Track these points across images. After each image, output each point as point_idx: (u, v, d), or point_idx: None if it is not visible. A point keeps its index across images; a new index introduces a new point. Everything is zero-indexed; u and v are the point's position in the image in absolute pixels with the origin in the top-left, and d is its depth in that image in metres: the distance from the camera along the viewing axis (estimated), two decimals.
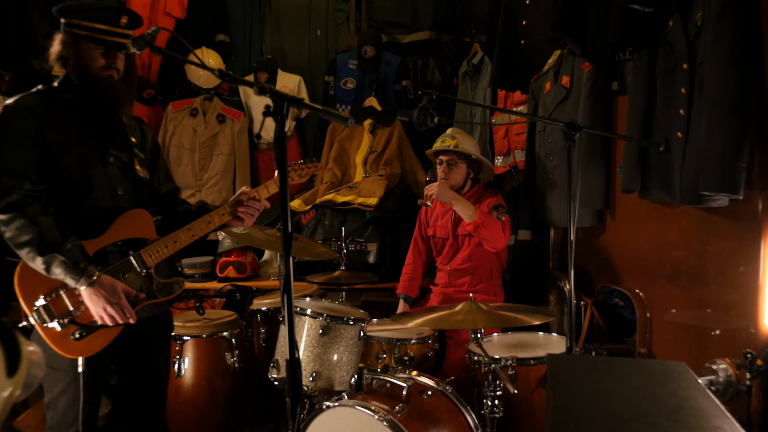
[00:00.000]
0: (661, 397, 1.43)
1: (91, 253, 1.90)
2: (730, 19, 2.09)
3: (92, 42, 1.92)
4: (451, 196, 3.06)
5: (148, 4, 4.48)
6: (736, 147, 2.08)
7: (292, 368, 1.47)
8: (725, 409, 1.35)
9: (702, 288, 2.43)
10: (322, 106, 4.15)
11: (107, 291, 1.85)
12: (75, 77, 1.97)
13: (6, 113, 1.94)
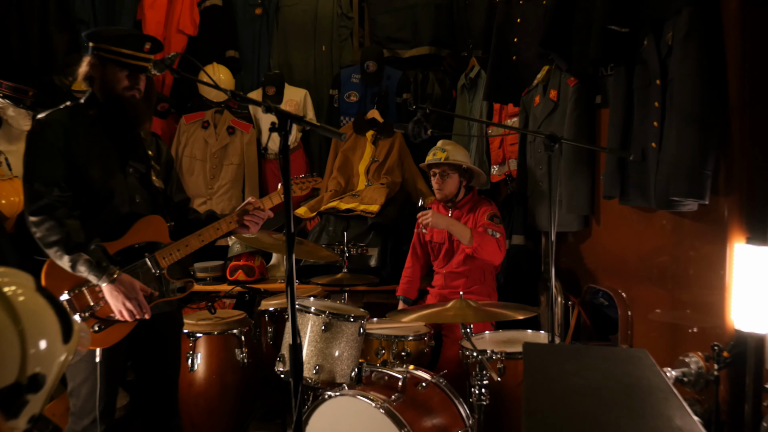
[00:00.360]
0: (618, 377, 1.61)
1: (112, 253, 2.11)
2: (696, 40, 2.28)
3: (118, 65, 2.13)
4: (446, 223, 3.25)
5: (162, 22, 4.72)
6: (701, 156, 2.27)
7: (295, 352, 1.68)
8: (674, 388, 1.53)
9: (676, 288, 2.61)
10: (327, 117, 4.39)
11: (126, 288, 2.06)
12: (100, 95, 2.18)
13: (38, 126, 2.16)
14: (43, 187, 2.02)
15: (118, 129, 2.23)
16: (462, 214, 3.37)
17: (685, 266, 2.56)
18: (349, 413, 2.49)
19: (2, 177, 3.50)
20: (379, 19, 5.00)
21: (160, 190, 2.31)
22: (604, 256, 3.11)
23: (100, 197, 2.13)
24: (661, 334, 2.70)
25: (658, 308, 2.72)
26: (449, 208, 3.41)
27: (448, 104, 4.70)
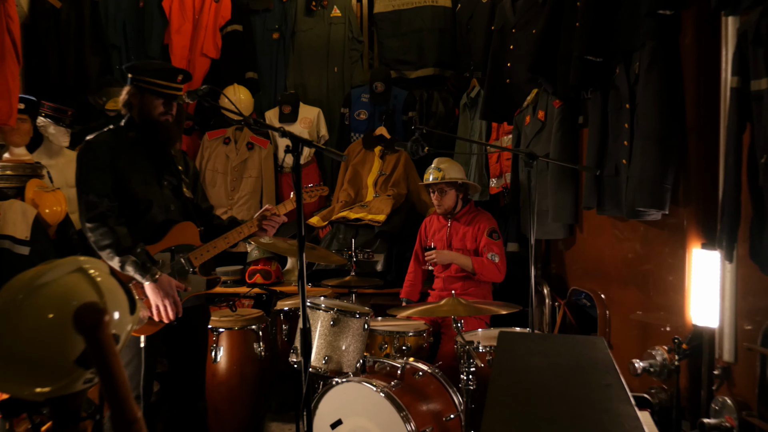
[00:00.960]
0: (574, 357, 1.93)
1: (152, 254, 2.47)
2: (656, 70, 2.60)
3: (154, 94, 2.48)
4: (450, 257, 3.61)
5: (187, 47, 5.06)
6: (662, 172, 2.58)
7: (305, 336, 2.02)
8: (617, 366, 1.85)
9: (646, 288, 2.91)
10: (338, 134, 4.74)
11: (165, 287, 2.40)
12: (138, 119, 2.54)
13: (88, 147, 2.52)
14: (96, 198, 2.37)
15: (154, 148, 2.58)
16: (461, 225, 3.71)
17: (652, 269, 2.86)
18: (354, 397, 2.81)
19: (46, 189, 3.85)
20: (387, 42, 5.29)
21: (190, 200, 2.66)
22: (586, 262, 3.42)
23: (141, 206, 2.47)
24: (634, 330, 3.00)
25: (631, 307, 3.02)
26: (449, 219, 3.74)
27: (451, 121, 5.00)
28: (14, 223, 3.54)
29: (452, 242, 3.71)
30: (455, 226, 3.72)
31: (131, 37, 5.17)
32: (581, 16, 2.95)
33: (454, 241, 3.70)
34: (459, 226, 3.71)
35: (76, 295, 1.28)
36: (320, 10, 5.22)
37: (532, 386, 1.74)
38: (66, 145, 4.40)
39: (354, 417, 2.80)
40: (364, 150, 4.74)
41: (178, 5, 5.01)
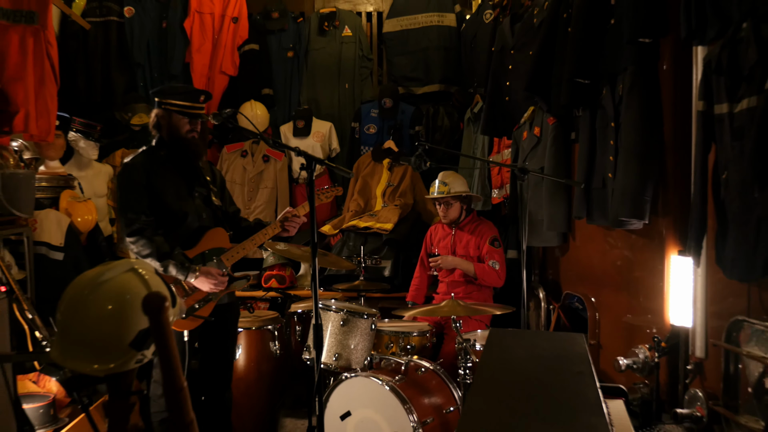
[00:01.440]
0: (554, 349, 2.19)
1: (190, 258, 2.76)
2: (637, 92, 2.85)
3: (181, 114, 2.76)
4: (453, 263, 3.88)
5: (207, 65, 5.36)
6: (642, 185, 2.82)
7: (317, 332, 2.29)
8: (590, 358, 2.10)
9: (630, 292, 3.16)
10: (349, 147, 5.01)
11: (208, 275, 2.71)
12: (167, 138, 2.82)
13: (125, 170, 2.81)
14: (134, 215, 2.66)
15: (184, 163, 2.87)
16: (465, 234, 3.97)
17: (636, 274, 3.11)
18: (362, 391, 3.07)
19: (78, 199, 4.16)
20: (396, 60, 5.55)
21: (219, 207, 2.94)
22: (578, 268, 3.67)
23: (176, 217, 2.76)
24: (620, 331, 3.24)
25: (617, 310, 3.27)
26: (453, 228, 4.00)
27: (456, 135, 5.25)
28: (50, 231, 3.84)
29: (456, 250, 3.97)
30: (459, 235, 3.98)
31: (154, 56, 5.45)
32: (571, 41, 3.20)
33: (458, 248, 3.96)
34: (463, 235, 3.97)
35: (130, 290, 1.56)
36: (332, 30, 5.50)
37: (513, 372, 1.99)
38: (95, 158, 4.72)
39: (362, 409, 3.06)
40: (373, 162, 5.01)
41: (199, 26, 5.30)
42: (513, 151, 4.07)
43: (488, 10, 4.86)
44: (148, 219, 2.68)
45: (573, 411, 1.59)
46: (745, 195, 2.18)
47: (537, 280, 4.18)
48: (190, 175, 2.87)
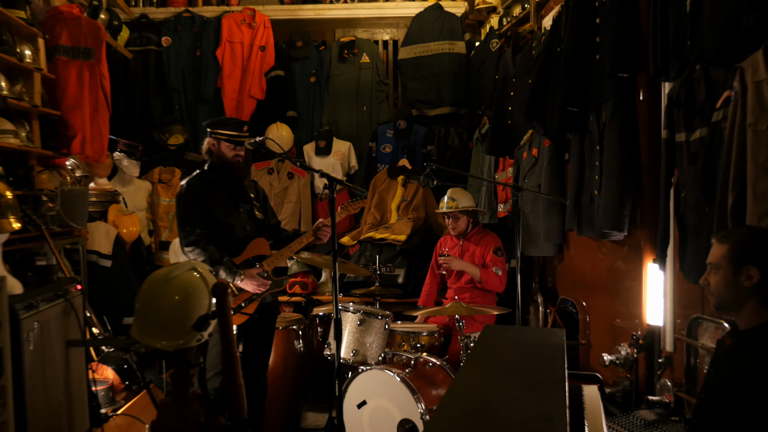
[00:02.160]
0: (536, 341, 2.58)
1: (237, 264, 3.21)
2: (617, 120, 3.25)
3: (228, 142, 3.23)
4: (461, 265, 4.25)
5: (237, 89, 5.77)
6: (621, 201, 3.21)
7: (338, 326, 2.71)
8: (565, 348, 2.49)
9: (615, 296, 3.54)
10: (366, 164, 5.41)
11: (252, 278, 3.16)
12: (217, 163, 3.29)
13: (183, 190, 3.26)
14: (190, 228, 3.13)
15: (230, 183, 3.33)
16: (471, 244, 4.37)
17: (619, 280, 3.49)
18: (376, 382, 3.47)
19: (123, 212, 4.64)
20: (410, 84, 5.86)
21: (262, 220, 3.39)
22: (572, 275, 4.05)
23: (225, 230, 3.22)
24: (606, 331, 3.63)
25: (605, 312, 3.65)
26: (461, 239, 4.41)
27: (465, 153, 5.63)
28: (99, 240, 4.32)
29: (463, 258, 4.37)
30: (466, 245, 4.38)
31: (189, 82, 5.86)
32: (561, 75, 3.61)
33: (465, 257, 4.36)
34: (469, 245, 4.37)
35: (192, 285, 2.00)
36: (351, 57, 5.88)
37: (498, 355, 2.40)
38: (136, 175, 5.18)
39: (376, 398, 3.46)
40: (389, 179, 5.41)
41: (230, 54, 5.77)
42: (514, 170, 4.47)
43: (495, 39, 5.26)
44: (201, 231, 3.14)
45: (539, 383, 1.99)
46: (698, 211, 2.58)
47: (537, 287, 4.56)
48: (236, 193, 3.33)
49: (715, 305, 1.98)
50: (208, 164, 3.31)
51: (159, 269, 2.05)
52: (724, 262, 1.88)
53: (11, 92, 3.39)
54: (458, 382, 2.00)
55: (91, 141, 4.04)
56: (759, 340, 1.82)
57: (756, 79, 2.24)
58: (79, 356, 2.61)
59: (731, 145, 2.32)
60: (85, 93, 4.03)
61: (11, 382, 1.96)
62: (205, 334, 2.02)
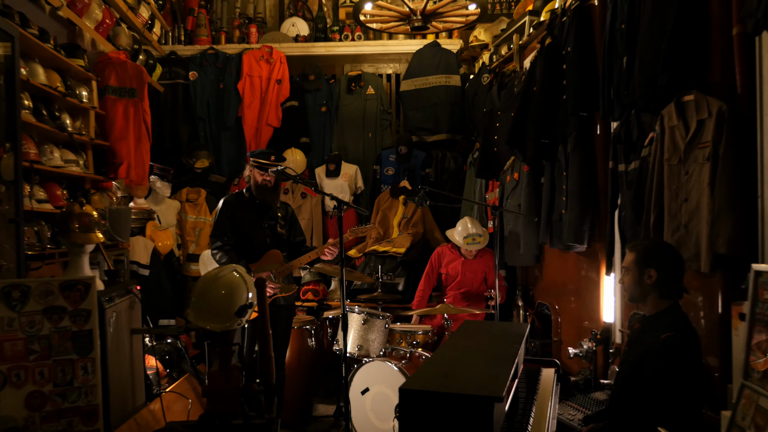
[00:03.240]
0: (502, 331, 3.21)
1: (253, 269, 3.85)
2: (579, 151, 3.89)
3: (258, 168, 3.89)
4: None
5: (256, 118, 6.42)
6: (581, 219, 3.84)
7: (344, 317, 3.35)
8: (526, 336, 3.10)
9: (580, 300, 4.16)
10: (371, 185, 6.10)
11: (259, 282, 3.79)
12: (251, 185, 3.95)
13: (219, 206, 3.92)
14: (219, 236, 3.77)
15: (260, 204, 3.98)
16: (476, 260, 5.02)
17: (583, 286, 4.12)
18: (378, 371, 4.09)
19: (158, 228, 5.31)
20: (410, 114, 6.46)
21: (283, 235, 4.02)
22: (547, 282, 4.68)
23: (248, 240, 3.86)
24: (574, 329, 4.24)
25: (572, 313, 4.27)
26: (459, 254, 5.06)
27: (460, 175, 6.20)
28: (139, 252, 4.98)
29: (467, 273, 5.02)
30: (468, 261, 5.04)
31: (213, 111, 6.50)
32: (535, 111, 4.24)
33: (468, 272, 5.01)
34: (471, 261, 5.03)
35: (234, 282, 2.65)
36: (358, 90, 6.53)
37: (469, 340, 3.02)
38: (168, 195, 5.85)
39: (377, 385, 4.09)
40: (391, 198, 6.05)
41: (249, 87, 6.44)
42: (500, 191, 5.11)
43: (485, 74, 5.91)
44: (229, 240, 3.80)
45: (496, 358, 2.63)
46: (633, 227, 3.22)
47: (519, 294, 5.18)
48: (262, 211, 3.97)
49: (628, 299, 2.61)
50: (246, 188, 3.98)
51: (209, 271, 2.70)
52: (632, 265, 2.51)
53: (73, 128, 4.07)
54: (434, 356, 2.64)
55: (135, 167, 4.72)
56: (656, 323, 2.45)
57: (670, 125, 2.89)
58: (138, 342, 3.26)
59: (653, 176, 2.97)
60: (130, 126, 4.73)
61: (99, 356, 2.60)
62: (244, 320, 2.66)
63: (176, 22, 6.80)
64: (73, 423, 2.52)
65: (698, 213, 2.72)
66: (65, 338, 2.54)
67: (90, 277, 2.65)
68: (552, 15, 4.30)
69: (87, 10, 4.31)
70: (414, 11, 4.94)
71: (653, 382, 2.34)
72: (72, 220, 2.90)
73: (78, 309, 2.57)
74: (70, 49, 4.20)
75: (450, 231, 5.18)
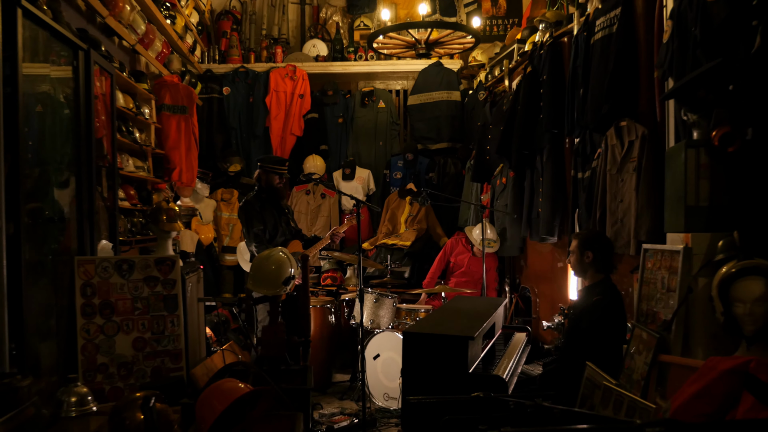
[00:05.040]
0: (484, 303, 4.13)
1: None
2: (551, 161, 4.77)
3: (273, 173, 4.77)
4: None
5: (281, 128, 7.33)
6: (552, 215, 4.74)
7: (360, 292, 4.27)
8: (504, 305, 4.02)
9: (554, 283, 5.06)
10: (382, 187, 7.09)
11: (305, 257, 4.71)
12: (265, 187, 4.84)
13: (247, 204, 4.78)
14: (255, 230, 4.66)
15: (275, 203, 4.88)
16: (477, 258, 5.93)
17: (555, 271, 5.02)
18: (387, 340, 5.00)
19: (201, 223, 6.25)
20: (416, 125, 7.32)
21: (294, 227, 4.93)
22: (528, 269, 5.58)
23: (273, 233, 4.75)
24: (549, 307, 5.14)
25: (547, 294, 5.17)
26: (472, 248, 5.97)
27: (459, 179, 7.12)
28: (186, 243, 5.91)
29: (471, 267, 5.93)
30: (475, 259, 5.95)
31: (244, 122, 7.40)
32: (518, 126, 5.15)
33: (473, 267, 5.91)
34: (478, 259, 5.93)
35: (281, 259, 3.57)
36: (371, 103, 7.44)
37: (457, 308, 3.94)
38: (206, 195, 6.79)
39: (386, 351, 5.00)
40: (399, 199, 6.96)
41: (275, 101, 7.36)
42: (491, 193, 6.02)
43: (482, 91, 6.81)
44: (263, 228, 4.68)
45: (474, 317, 3.54)
46: (585, 223, 4.11)
47: (508, 281, 6.08)
48: (279, 209, 4.87)
49: (574, 274, 3.52)
50: (257, 188, 4.78)
51: (262, 252, 3.62)
52: (575, 249, 3.42)
53: (140, 140, 5.02)
54: (430, 315, 3.57)
55: (185, 171, 5.66)
56: (591, 291, 3.35)
57: (611, 143, 3.79)
58: (201, 309, 4.19)
59: (599, 182, 3.87)
60: (181, 138, 5.67)
61: (182, 314, 3.53)
62: (288, 289, 3.58)
63: (211, 43, 7.73)
64: (164, 361, 3.46)
65: (629, 211, 3.61)
66: (159, 299, 3.47)
67: (175, 255, 3.59)
68: (533, 46, 5.21)
69: (151, 45, 5.25)
70: (419, 41, 5.85)
71: (586, 332, 3.24)
72: (161, 213, 3.85)
73: (167, 278, 3.50)
74: (137, 75, 5.14)
75: (469, 228, 6.05)
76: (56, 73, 3.23)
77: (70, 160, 3.35)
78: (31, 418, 2.07)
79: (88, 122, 3.43)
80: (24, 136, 2.74)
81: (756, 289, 2.17)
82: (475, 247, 5.86)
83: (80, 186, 3.40)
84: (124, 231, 4.16)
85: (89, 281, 3.33)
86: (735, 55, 2.60)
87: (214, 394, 2.38)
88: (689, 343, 2.55)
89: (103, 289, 3.35)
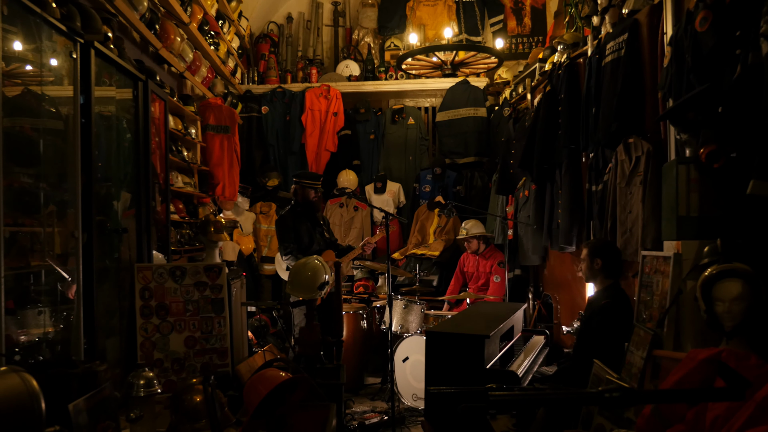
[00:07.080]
0: (504, 307, 4.45)
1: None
2: (569, 174, 5.07)
3: (309, 188, 5.17)
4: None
5: (316, 144, 7.75)
6: (570, 225, 5.03)
7: (389, 299, 4.62)
8: (523, 310, 4.33)
9: (573, 289, 5.34)
10: (411, 200, 7.54)
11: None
12: (301, 201, 5.24)
13: (282, 218, 5.19)
14: (288, 243, 5.04)
15: (310, 215, 5.27)
16: (483, 259, 6.24)
17: (573, 279, 5.30)
18: (416, 344, 5.34)
19: (242, 234, 6.68)
20: (444, 140, 7.67)
21: (329, 238, 5.31)
22: (550, 277, 5.86)
23: (307, 244, 5.14)
24: (569, 312, 5.41)
25: (566, 301, 5.44)
26: (477, 255, 6.27)
27: (486, 192, 7.45)
28: (228, 253, 6.35)
29: (480, 269, 6.24)
30: (481, 260, 6.25)
31: (281, 139, 7.86)
32: (539, 142, 5.46)
33: (480, 267, 6.22)
34: (483, 260, 6.24)
35: (317, 267, 3.95)
36: (401, 120, 7.83)
37: (478, 312, 4.26)
38: (246, 208, 7.24)
39: (415, 354, 5.33)
40: (428, 211, 7.31)
41: (311, 119, 7.79)
42: (515, 205, 6.32)
43: (507, 107, 7.13)
44: (294, 246, 5.07)
45: (493, 319, 3.86)
46: (598, 233, 4.40)
47: (531, 289, 6.36)
48: (314, 221, 5.26)
49: (585, 280, 3.82)
50: (293, 202, 5.21)
51: (299, 261, 4.00)
52: (586, 257, 3.72)
53: (188, 158, 5.47)
54: (452, 317, 3.90)
55: (228, 186, 6.11)
56: (601, 295, 3.64)
57: (621, 159, 4.08)
58: (244, 312, 4.59)
59: (610, 195, 4.16)
60: (224, 155, 6.12)
61: (228, 316, 3.93)
62: (323, 293, 3.95)
63: (251, 65, 8.22)
64: (212, 358, 3.86)
65: (637, 221, 3.90)
66: (207, 302, 3.88)
67: (222, 263, 4.00)
68: (552, 66, 5.53)
69: (198, 71, 5.73)
70: (445, 62, 6.23)
71: (595, 332, 3.54)
72: (210, 225, 4.28)
73: (215, 284, 3.91)
74: (184, 98, 5.61)
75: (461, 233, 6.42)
76: (120, 95, 3.68)
77: (131, 179, 3.79)
78: (108, 396, 2.47)
79: (146, 144, 3.87)
80: (95, 158, 3.18)
81: (734, 290, 2.46)
82: (471, 245, 6.13)
83: (139, 202, 3.84)
84: (174, 242, 4.59)
85: (147, 286, 3.75)
86: (721, 81, 2.89)
87: (259, 380, 2.75)
88: (680, 339, 2.84)
89: (158, 292, 3.77)
